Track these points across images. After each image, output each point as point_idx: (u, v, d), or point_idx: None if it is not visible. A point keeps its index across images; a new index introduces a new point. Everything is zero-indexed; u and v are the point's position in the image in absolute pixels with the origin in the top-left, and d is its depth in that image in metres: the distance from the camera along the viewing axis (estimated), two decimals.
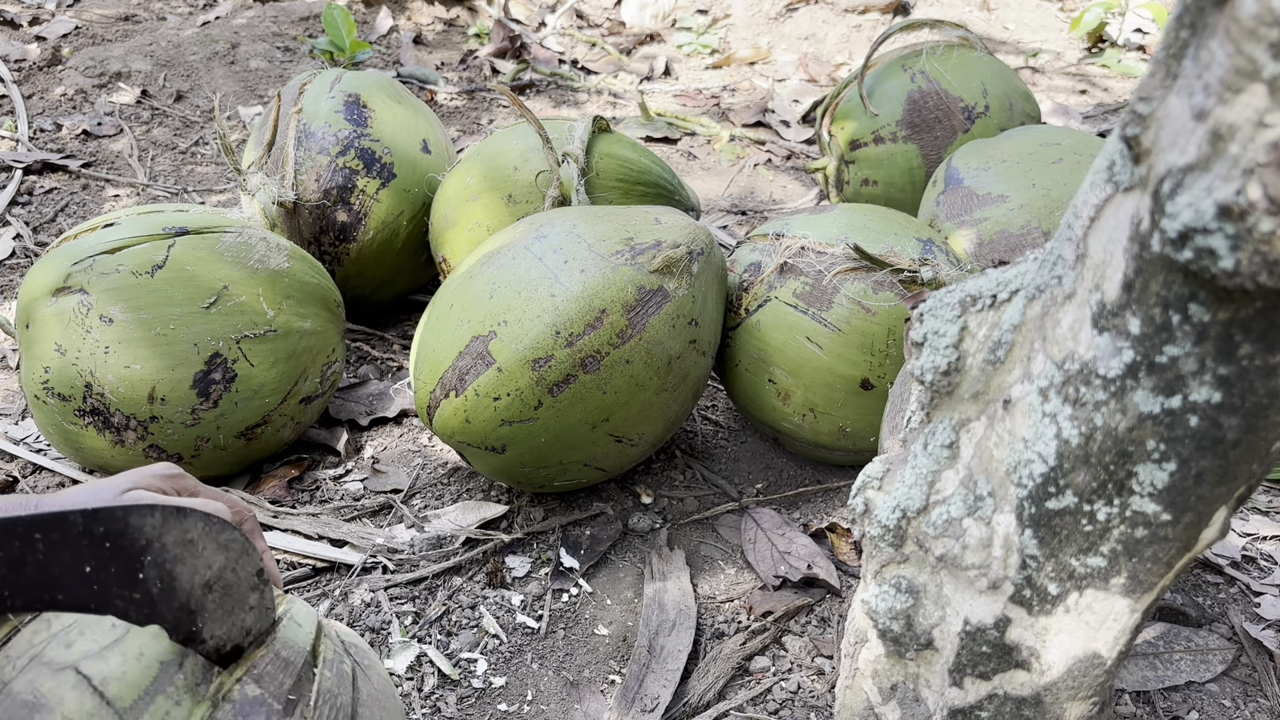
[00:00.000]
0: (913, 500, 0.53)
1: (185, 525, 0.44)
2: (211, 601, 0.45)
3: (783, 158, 1.77)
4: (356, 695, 0.52)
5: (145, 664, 0.45)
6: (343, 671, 0.52)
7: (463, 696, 0.77)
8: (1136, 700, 0.77)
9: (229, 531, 0.46)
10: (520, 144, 1.08)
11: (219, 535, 0.45)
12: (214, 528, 0.45)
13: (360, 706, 0.51)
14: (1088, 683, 0.51)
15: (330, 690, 0.50)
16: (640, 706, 0.75)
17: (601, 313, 0.82)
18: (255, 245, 0.94)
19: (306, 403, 0.97)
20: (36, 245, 1.36)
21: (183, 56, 1.92)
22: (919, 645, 0.55)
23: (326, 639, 0.53)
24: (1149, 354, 0.40)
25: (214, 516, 0.45)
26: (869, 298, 0.89)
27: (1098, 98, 2.03)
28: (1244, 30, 0.32)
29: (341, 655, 0.53)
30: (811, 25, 2.34)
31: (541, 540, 0.92)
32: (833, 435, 0.94)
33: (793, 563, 0.89)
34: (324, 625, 0.54)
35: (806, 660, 0.81)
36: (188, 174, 1.60)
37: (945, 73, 1.26)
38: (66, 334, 0.85)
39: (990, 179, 1.02)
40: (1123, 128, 0.39)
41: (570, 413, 0.83)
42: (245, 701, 0.45)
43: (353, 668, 0.53)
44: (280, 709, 0.46)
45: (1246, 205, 0.33)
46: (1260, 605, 0.85)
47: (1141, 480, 0.43)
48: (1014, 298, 0.49)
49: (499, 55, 2.15)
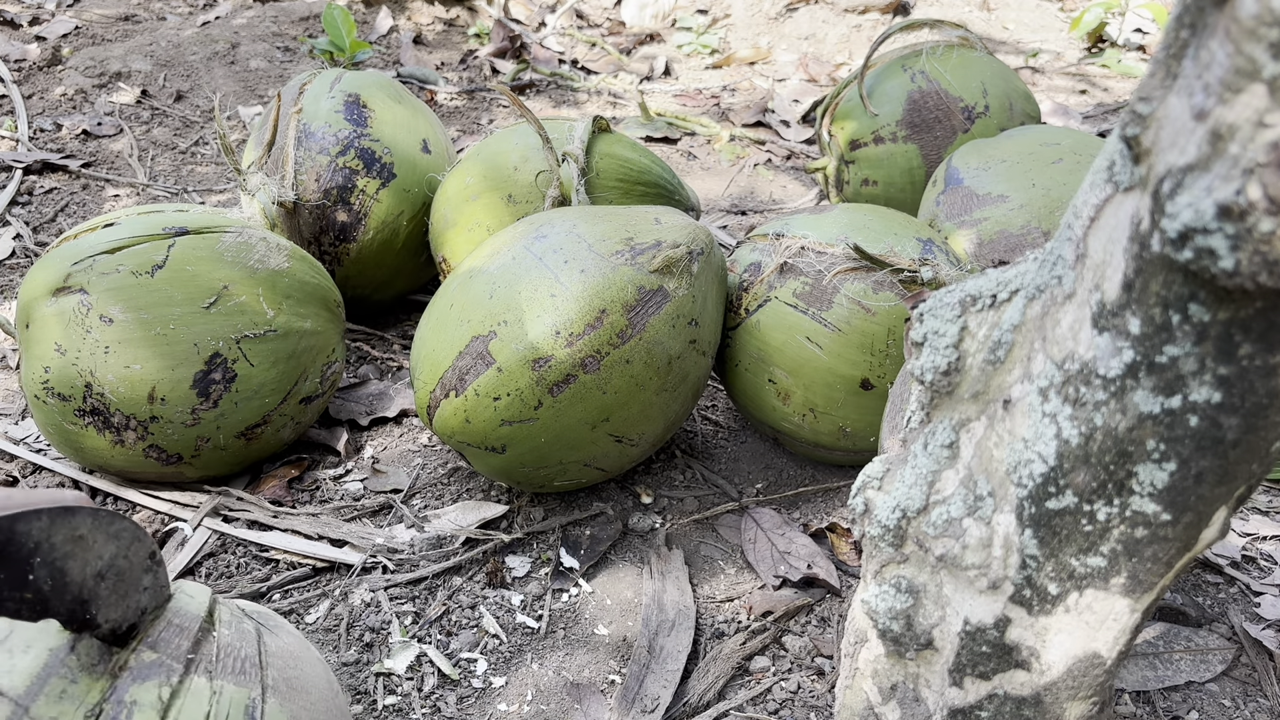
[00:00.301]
0: (913, 500, 0.53)
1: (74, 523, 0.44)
2: (105, 589, 0.46)
3: (783, 158, 1.77)
4: (263, 648, 0.52)
5: (34, 653, 0.46)
6: (244, 630, 0.52)
7: (463, 696, 0.77)
8: (1136, 700, 0.77)
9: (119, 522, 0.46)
10: (520, 144, 1.08)
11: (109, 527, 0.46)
12: (103, 520, 0.46)
13: (269, 658, 0.52)
14: (1088, 683, 0.51)
15: (231, 644, 0.51)
16: (640, 707, 0.75)
17: (601, 313, 0.82)
18: (255, 245, 0.94)
19: (306, 403, 0.97)
20: (36, 245, 1.36)
21: (183, 56, 1.92)
22: (919, 645, 0.55)
23: (222, 606, 0.54)
24: (1149, 354, 0.40)
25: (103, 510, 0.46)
26: (869, 298, 0.89)
27: (1098, 98, 2.03)
28: (1244, 30, 0.32)
29: (241, 618, 0.54)
30: (811, 25, 2.34)
31: (541, 540, 0.92)
32: (833, 435, 0.94)
33: (793, 563, 0.89)
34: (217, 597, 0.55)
35: (806, 660, 0.81)
36: (188, 174, 1.60)
37: (945, 73, 1.26)
38: (66, 334, 0.85)
39: (990, 179, 1.02)
40: (1123, 128, 0.39)
41: (570, 413, 0.83)
42: (142, 667, 0.47)
43: (256, 628, 0.54)
44: (180, 668, 0.47)
45: (1246, 205, 0.33)
46: (1260, 605, 0.85)
47: (1141, 480, 0.43)
48: (1014, 298, 0.49)
49: (499, 55, 2.15)
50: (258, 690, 0.50)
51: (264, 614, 0.57)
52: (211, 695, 0.48)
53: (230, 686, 0.49)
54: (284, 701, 0.51)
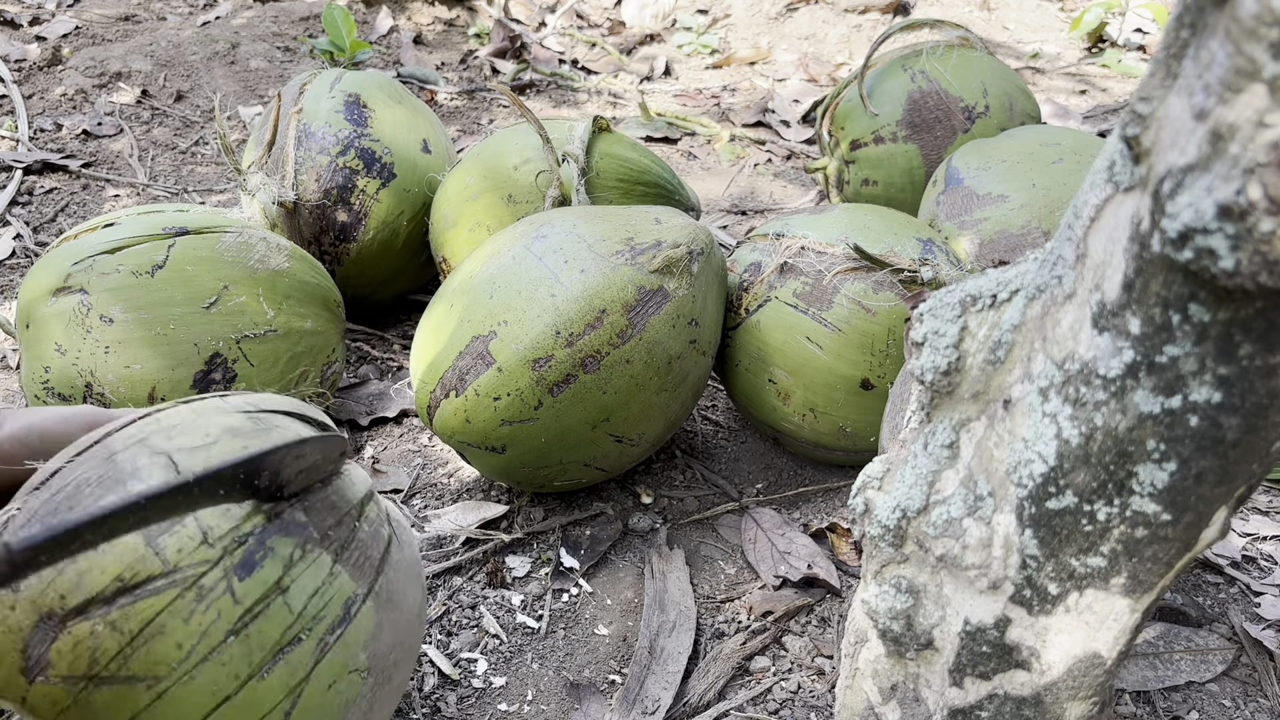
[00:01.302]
0: (913, 500, 0.53)
1: (303, 449, 0.53)
2: (298, 480, 0.54)
3: (783, 158, 1.77)
4: (387, 557, 0.59)
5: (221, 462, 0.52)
6: (379, 534, 0.59)
7: (463, 696, 0.77)
8: (1136, 700, 0.77)
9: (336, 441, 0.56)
10: (520, 144, 1.08)
11: (327, 446, 0.55)
12: (326, 443, 0.55)
13: (388, 567, 0.58)
14: (1088, 683, 0.51)
15: (364, 542, 0.57)
16: (641, 709, 0.75)
17: (601, 313, 0.82)
18: (255, 245, 0.94)
19: (306, 403, 0.97)
20: (36, 245, 1.36)
21: (183, 56, 1.93)
22: (919, 645, 0.55)
23: (374, 504, 0.60)
24: (1149, 354, 0.40)
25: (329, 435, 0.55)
26: (869, 298, 0.89)
27: (1098, 98, 2.03)
28: (1244, 30, 0.32)
29: (382, 521, 0.60)
30: (811, 25, 2.34)
31: (541, 540, 0.92)
32: (833, 435, 0.94)
33: (793, 563, 0.89)
34: (375, 493, 0.61)
35: (806, 660, 0.81)
36: (188, 174, 1.60)
37: (945, 73, 1.26)
38: (66, 334, 0.85)
39: (990, 179, 1.02)
40: (1123, 128, 0.39)
41: (570, 413, 0.83)
42: (291, 523, 0.53)
43: (390, 535, 0.60)
44: (318, 538, 0.54)
45: (1247, 205, 0.33)
46: (1260, 605, 0.85)
47: (1141, 480, 0.43)
48: (1014, 298, 0.49)
49: (499, 55, 2.15)
50: (365, 589, 0.56)
51: (401, 525, 0.63)
52: (328, 575, 0.54)
53: (345, 575, 0.55)
54: (379, 607, 0.57)
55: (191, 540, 0.50)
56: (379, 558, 0.58)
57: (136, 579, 0.49)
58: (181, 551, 0.50)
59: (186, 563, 0.50)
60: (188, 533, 0.50)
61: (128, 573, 0.48)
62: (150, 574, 0.49)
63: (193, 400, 0.58)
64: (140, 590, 0.48)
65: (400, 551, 0.61)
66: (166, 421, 0.54)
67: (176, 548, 0.50)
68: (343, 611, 0.54)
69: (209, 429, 0.54)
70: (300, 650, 0.52)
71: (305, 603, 0.52)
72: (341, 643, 0.54)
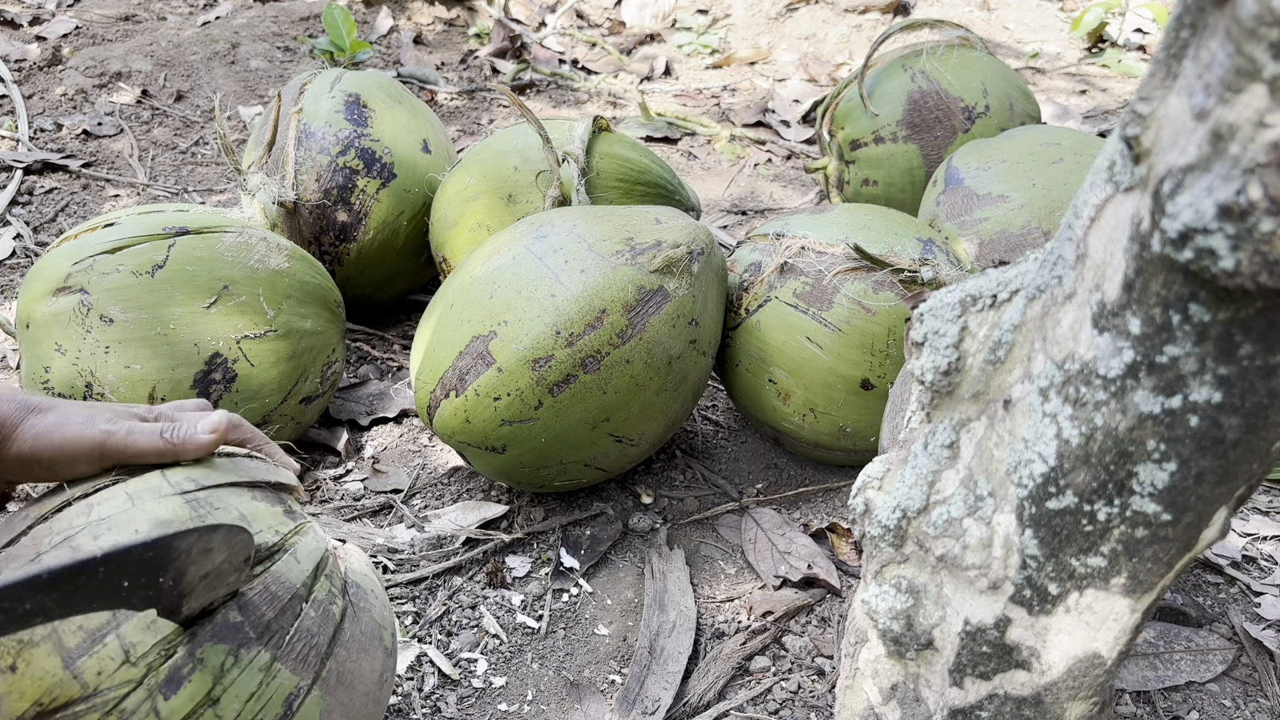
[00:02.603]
0: (913, 500, 0.53)
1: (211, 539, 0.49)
2: (202, 587, 0.49)
3: (783, 158, 1.77)
4: (338, 637, 0.56)
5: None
6: (330, 613, 0.56)
7: (463, 696, 0.77)
8: (1136, 700, 0.77)
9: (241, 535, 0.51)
10: (520, 144, 1.08)
11: (232, 539, 0.50)
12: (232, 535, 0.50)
13: (338, 647, 0.55)
14: (1088, 683, 0.51)
15: (309, 630, 0.54)
16: (641, 709, 0.75)
17: (602, 313, 0.82)
18: (255, 245, 0.94)
19: (307, 403, 0.97)
20: (36, 245, 1.36)
21: (183, 56, 1.93)
22: (919, 645, 0.55)
23: (325, 579, 0.57)
24: (1149, 354, 0.40)
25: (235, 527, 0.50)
26: (869, 298, 0.89)
27: (1098, 98, 2.03)
28: (1244, 30, 0.32)
29: (335, 597, 0.57)
30: (811, 25, 2.34)
31: (541, 540, 0.92)
32: (833, 435, 0.94)
33: (793, 563, 0.89)
34: (328, 563, 0.58)
35: (806, 660, 0.81)
36: (188, 174, 1.60)
37: (945, 73, 1.26)
38: (66, 334, 0.85)
39: (990, 179, 1.02)
40: (1123, 128, 0.39)
41: (570, 413, 0.83)
42: (225, 625, 0.51)
43: (344, 609, 0.57)
44: (254, 638, 0.51)
45: (1247, 205, 0.33)
46: (1260, 605, 0.85)
47: (1142, 480, 0.43)
48: (1014, 298, 0.49)
49: (499, 55, 2.15)
50: (309, 679, 0.53)
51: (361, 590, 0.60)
52: (266, 675, 0.51)
53: (285, 671, 0.52)
54: (326, 694, 0.54)
55: (113, 660, 0.48)
56: (327, 641, 0.55)
57: (55, 703, 0.47)
58: (102, 674, 0.48)
59: (107, 685, 0.48)
60: (108, 652, 0.48)
61: (45, 697, 0.47)
62: (69, 698, 0.47)
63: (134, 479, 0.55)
64: (60, 715, 0.47)
65: (355, 623, 0.58)
66: (98, 513, 0.52)
67: (96, 669, 0.48)
68: (284, 709, 0.52)
69: (139, 523, 0.52)
70: None
71: (240, 710, 0.50)
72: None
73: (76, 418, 0.54)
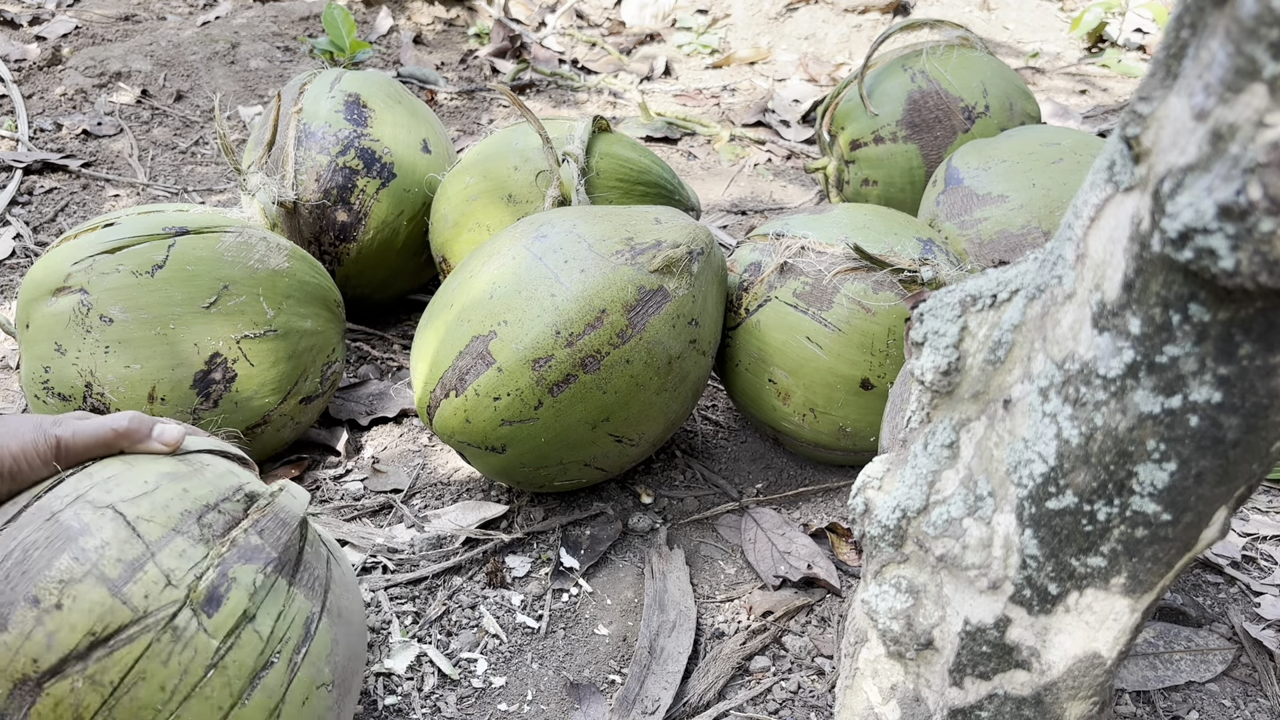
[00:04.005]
0: (913, 500, 0.53)
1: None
2: None
3: (783, 158, 1.77)
4: (329, 574, 0.60)
5: (170, 513, 0.54)
6: (320, 553, 0.61)
7: (463, 696, 0.77)
8: (1136, 700, 0.77)
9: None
10: (520, 144, 1.08)
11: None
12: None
13: (333, 584, 0.60)
14: (1088, 683, 0.51)
15: (309, 562, 0.59)
16: (641, 709, 0.75)
17: (601, 312, 0.82)
18: (255, 245, 0.94)
19: (306, 403, 0.97)
20: (36, 245, 1.36)
21: (183, 56, 1.93)
22: (919, 645, 0.55)
23: (311, 523, 0.62)
24: (1149, 354, 0.40)
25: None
26: (869, 298, 0.89)
27: (1098, 98, 2.03)
28: (1244, 30, 0.32)
29: (318, 541, 0.62)
30: (811, 25, 2.34)
31: (541, 540, 0.92)
32: (833, 435, 0.94)
33: (793, 563, 0.89)
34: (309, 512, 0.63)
35: (806, 660, 0.81)
36: (188, 174, 1.60)
37: (945, 73, 1.26)
38: (66, 334, 0.85)
39: (990, 179, 1.02)
40: (1123, 128, 0.39)
41: (570, 413, 0.83)
42: (248, 547, 0.55)
43: (327, 554, 0.62)
44: (276, 556, 0.56)
45: (1247, 205, 0.33)
46: (1260, 605, 0.85)
47: (1141, 480, 0.43)
48: (1014, 297, 0.49)
49: (499, 55, 2.15)
50: (318, 606, 0.57)
51: (332, 545, 0.64)
52: (287, 597, 0.55)
53: (300, 596, 0.56)
54: (333, 623, 0.58)
55: (156, 584, 0.51)
56: (325, 576, 0.59)
57: (108, 630, 0.49)
58: (149, 597, 0.50)
59: (155, 606, 0.50)
60: (150, 578, 0.51)
61: (98, 625, 0.49)
62: (121, 623, 0.49)
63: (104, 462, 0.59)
64: (114, 641, 0.49)
65: (339, 567, 0.62)
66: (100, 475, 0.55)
67: (143, 594, 0.50)
68: (304, 631, 0.55)
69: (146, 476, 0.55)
70: (274, 673, 0.53)
71: (272, 626, 0.54)
72: (308, 660, 0.55)
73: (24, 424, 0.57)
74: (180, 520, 0.54)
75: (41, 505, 0.53)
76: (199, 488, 0.56)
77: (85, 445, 0.57)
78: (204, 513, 0.55)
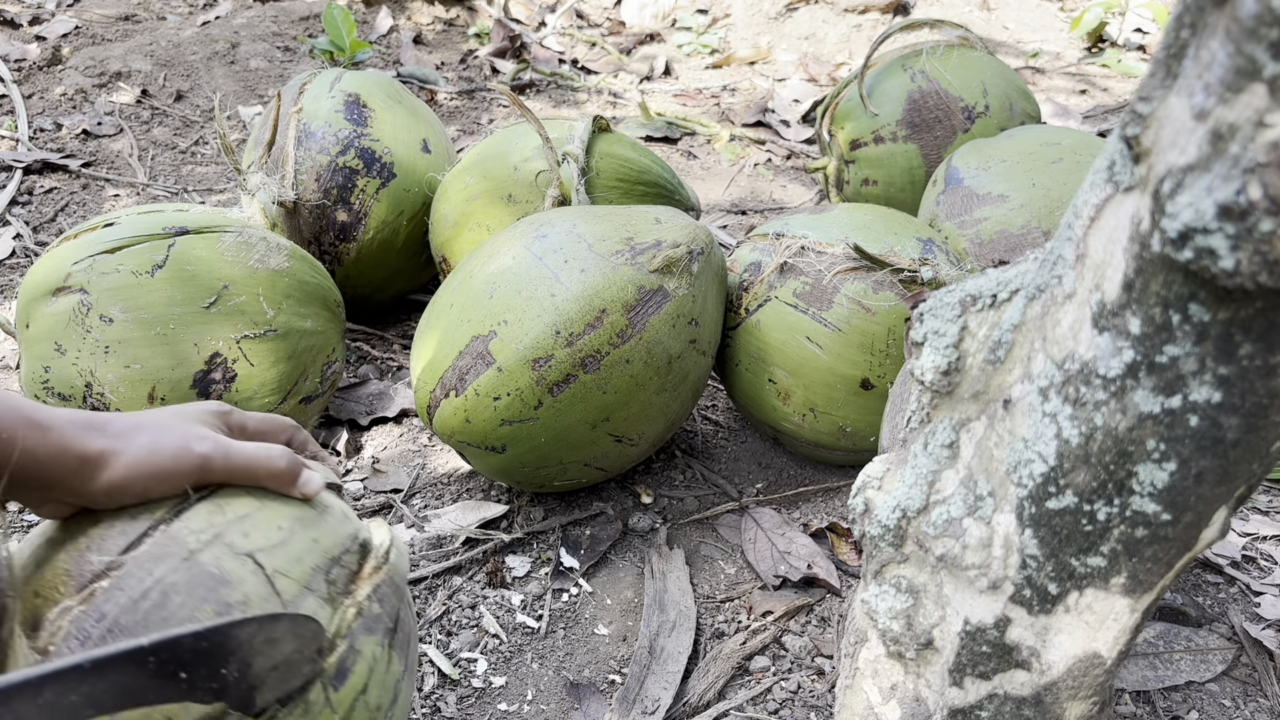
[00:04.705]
0: (913, 500, 0.53)
1: (275, 628, 0.48)
2: (273, 679, 0.48)
3: (783, 158, 1.77)
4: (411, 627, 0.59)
5: (304, 567, 0.52)
6: (411, 608, 0.60)
7: (463, 696, 0.77)
8: (1136, 700, 0.77)
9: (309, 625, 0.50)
10: (520, 144, 1.08)
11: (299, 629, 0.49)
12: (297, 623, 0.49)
13: (411, 637, 0.59)
14: (1088, 682, 0.51)
15: (405, 620, 0.58)
16: (641, 709, 0.75)
17: (601, 312, 0.82)
18: (255, 245, 0.94)
19: (306, 402, 0.97)
20: (36, 245, 1.36)
21: (183, 56, 1.93)
22: (919, 645, 0.55)
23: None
24: (1149, 354, 0.40)
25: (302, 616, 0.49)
26: (869, 298, 0.89)
27: (1098, 98, 2.03)
28: (1244, 30, 0.32)
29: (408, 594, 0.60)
30: (811, 25, 2.34)
31: (541, 540, 0.92)
32: (833, 435, 0.94)
33: (793, 563, 0.89)
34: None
35: (806, 660, 0.81)
36: (188, 174, 1.60)
37: (945, 73, 1.26)
38: (66, 334, 0.85)
39: (990, 179, 1.02)
40: (1123, 128, 0.39)
41: (570, 412, 0.83)
42: (370, 616, 0.54)
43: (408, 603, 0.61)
44: (391, 626, 0.55)
45: (1247, 205, 0.33)
46: (1260, 605, 0.85)
47: (1141, 480, 0.43)
48: (1014, 297, 0.49)
49: (499, 55, 2.15)
50: (404, 667, 0.56)
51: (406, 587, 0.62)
52: (389, 665, 0.54)
53: (396, 660, 0.55)
54: (410, 679, 0.58)
55: None
56: (410, 631, 0.58)
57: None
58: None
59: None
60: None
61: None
62: None
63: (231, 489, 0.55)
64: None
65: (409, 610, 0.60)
66: (234, 512, 0.52)
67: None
68: (393, 694, 0.55)
69: (279, 521, 0.52)
70: None
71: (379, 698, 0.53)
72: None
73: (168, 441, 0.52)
74: (311, 577, 0.52)
75: (172, 536, 0.49)
76: (325, 537, 0.54)
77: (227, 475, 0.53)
78: (330, 567, 0.53)
